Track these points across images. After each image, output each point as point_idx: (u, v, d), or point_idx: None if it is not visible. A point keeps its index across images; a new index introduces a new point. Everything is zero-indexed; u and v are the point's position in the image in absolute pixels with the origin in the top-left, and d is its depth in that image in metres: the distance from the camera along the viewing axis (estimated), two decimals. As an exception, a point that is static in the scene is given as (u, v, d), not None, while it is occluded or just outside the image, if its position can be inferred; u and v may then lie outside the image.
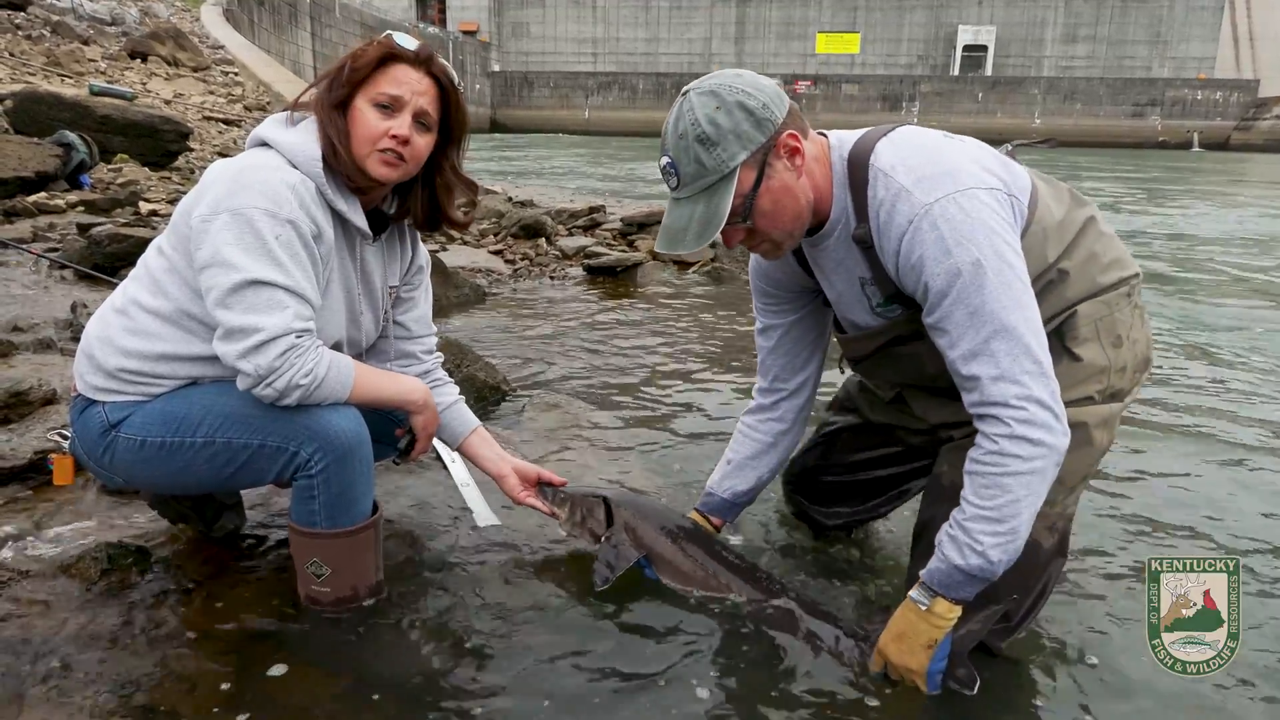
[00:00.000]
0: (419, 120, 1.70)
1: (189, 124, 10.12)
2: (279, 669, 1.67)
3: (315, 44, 32.78)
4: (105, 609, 1.81)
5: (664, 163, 1.58)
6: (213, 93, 15.52)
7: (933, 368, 1.68)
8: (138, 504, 2.21)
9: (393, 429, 1.92)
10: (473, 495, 2.41)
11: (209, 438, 1.68)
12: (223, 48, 20.20)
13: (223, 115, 13.48)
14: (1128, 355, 1.73)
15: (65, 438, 2.28)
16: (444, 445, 2.39)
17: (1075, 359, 1.68)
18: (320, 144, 1.67)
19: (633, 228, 7.20)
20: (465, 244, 6.84)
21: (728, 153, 1.52)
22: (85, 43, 16.08)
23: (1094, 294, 1.70)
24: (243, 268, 1.55)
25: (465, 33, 52.77)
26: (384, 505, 1.92)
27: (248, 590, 1.92)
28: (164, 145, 8.72)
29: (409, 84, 1.68)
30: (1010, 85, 49.73)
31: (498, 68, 54.31)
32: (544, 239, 7.01)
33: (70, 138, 7.23)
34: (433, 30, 47.66)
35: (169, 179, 8.16)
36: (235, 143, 11.29)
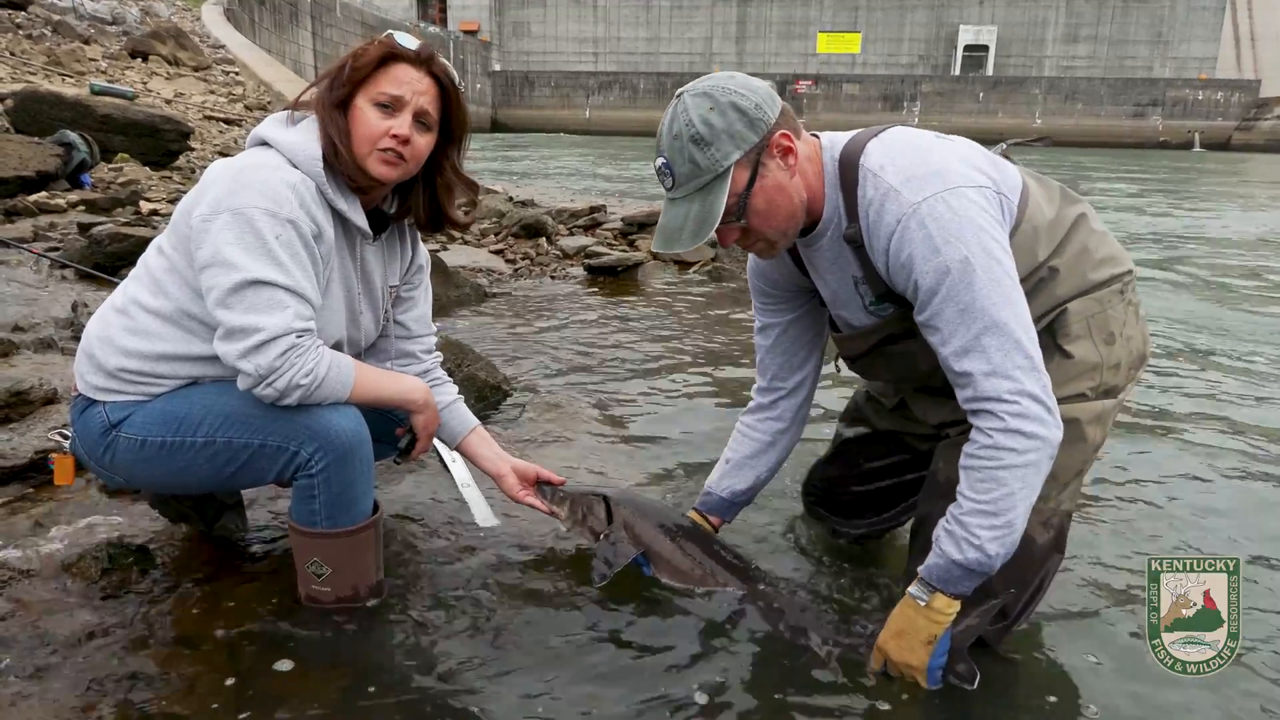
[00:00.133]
0: (419, 120, 1.71)
1: (190, 123, 10.12)
2: (281, 666, 1.67)
3: (316, 43, 32.79)
4: (106, 608, 1.82)
5: (659, 164, 1.60)
6: (213, 92, 15.52)
7: (925, 365, 1.69)
8: (138, 504, 2.21)
9: (393, 428, 1.92)
10: (473, 495, 2.41)
11: (210, 437, 1.68)
12: (224, 47, 20.20)
13: (223, 115, 13.48)
14: (1121, 352, 1.73)
15: (66, 437, 2.28)
16: (444, 445, 2.39)
17: (1067, 356, 1.69)
18: (321, 143, 1.68)
19: (633, 227, 7.20)
20: (466, 243, 6.84)
21: (721, 152, 1.54)
22: (86, 42, 16.08)
23: (1085, 291, 1.71)
24: (243, 267, 1.55)
25: (466, 32, 52.80)
26: (384, 505, 1.92)
27: (248, 590, 1.92)
28: (165, 145, 8.72)
29: (410, 84, 1.68)
30: (1011, 85, 49.72)
31: (498, 67, 54.32)
32: (545, 239, 7.01)
33: (71, 137, 7.23)
34: (434, 30, 47.66)
35: (170, 178, 8.17)
36: (236, 142, 11.29)
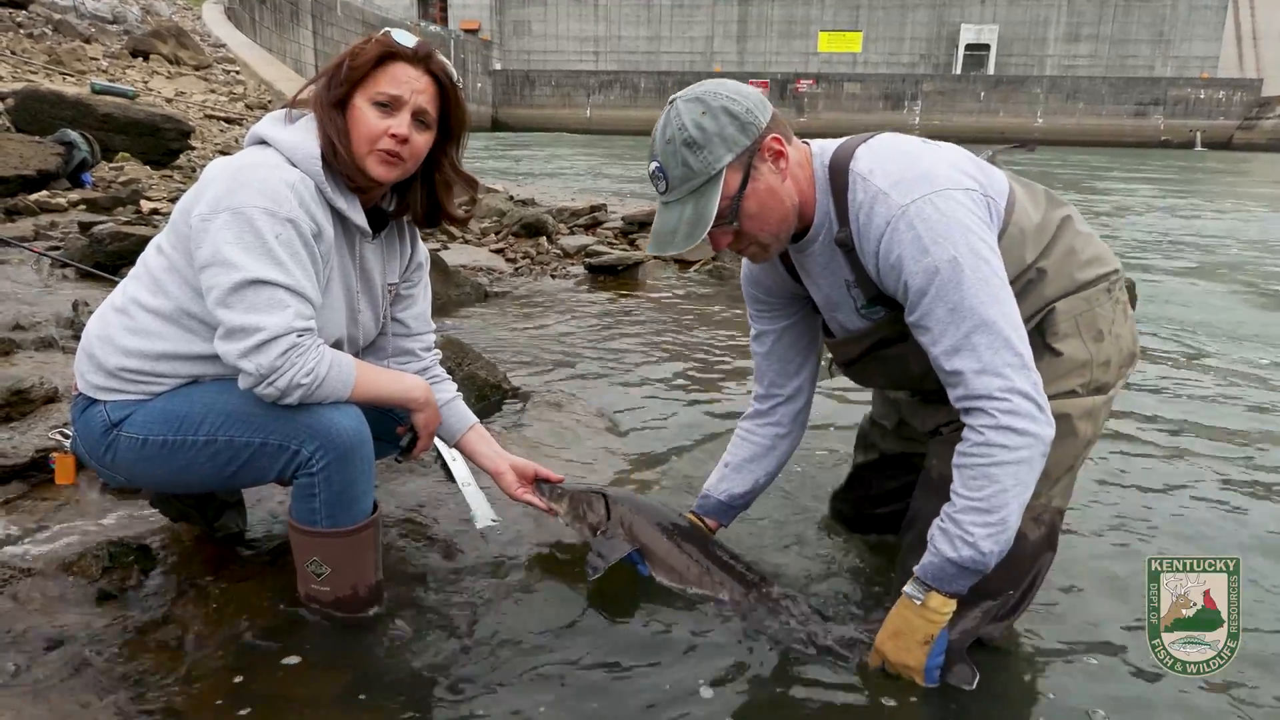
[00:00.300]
0: (418, 118, 1.70)
1: (190, 122, 10.13)
2: (282, 664, 1.67)
3: (317, 42, 32.80)
4: (106, 607, 1.82)
5: (652, 168, 1.62)
6: (214, 91, 15.54)
7: (918, 368, 1.71)
8: (139, 502, 2.21)
9: (394, 427, 1.92)
10: (473, 495, 2.41)
11: (210, 436, 1.68)
12: (224, 46, 20.22)
13: (224, 114, 13.49)
14: (1110, 349, 1.75)
15: (67, 436, 2.28)
16: (444, 444, 2.39)
17: (1056, 354, 1.71)
18: (319, 142, 1.67)
19: (634, 226, 7.21)
20: (466, 242, 6.84)
21: (714, 155, 1.56)
22: (87, 41, 16.09)
23: (1072, 290, 1.73)
24: (243, 267, 1.55)
25: (467, 31, 52.82)
26: (384, 505, 1.92)
27: (248, 588, 1.92)
28: (165, 144, 8.74)
29: (408, 82, 1.68)
30: (1013, 84, 49.72)
31: (499, 66, 54.33)
32: (545, 237, 7.01)
33: (72, 136, 7.24)
34: (434, 28, 47.66)
35: (170, 177, 8.18)
36: (236, 141, 11.29)
